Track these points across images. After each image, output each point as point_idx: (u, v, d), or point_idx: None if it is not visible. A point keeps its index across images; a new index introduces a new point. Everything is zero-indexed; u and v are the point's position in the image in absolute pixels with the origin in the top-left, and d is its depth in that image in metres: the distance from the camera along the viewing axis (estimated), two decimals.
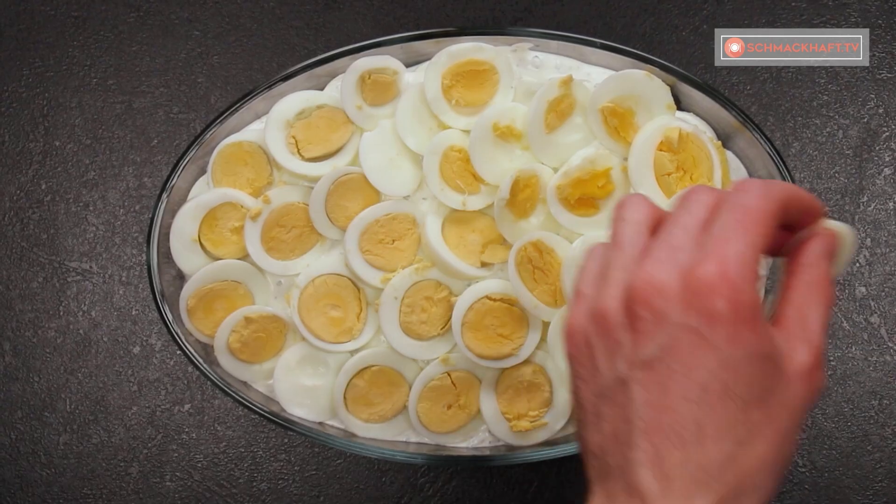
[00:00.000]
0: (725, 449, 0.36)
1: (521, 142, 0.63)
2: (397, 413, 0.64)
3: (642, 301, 0.37)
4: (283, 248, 0.65)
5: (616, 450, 0.38)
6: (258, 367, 0.65)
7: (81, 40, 0.80)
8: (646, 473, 0.36)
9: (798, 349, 0.38)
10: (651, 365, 0.37)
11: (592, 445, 0.39)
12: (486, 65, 0.63)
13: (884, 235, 0.73)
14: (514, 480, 0.72)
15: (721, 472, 0.36)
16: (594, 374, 0.40)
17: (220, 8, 0.80)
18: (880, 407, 0.71)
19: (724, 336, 0.36)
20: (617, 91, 0.62)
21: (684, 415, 0.36)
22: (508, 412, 0.63)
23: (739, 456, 0.36)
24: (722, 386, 0.36)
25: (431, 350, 0.64)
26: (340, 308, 0.64)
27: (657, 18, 0.77)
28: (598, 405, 0.39)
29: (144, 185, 0.77)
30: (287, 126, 0.65)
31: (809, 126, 0.75)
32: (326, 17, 0.79)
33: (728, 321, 0.36)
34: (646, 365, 0.37)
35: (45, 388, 0.75)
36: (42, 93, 0.79)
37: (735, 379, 0.36)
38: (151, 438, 0.74)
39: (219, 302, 0.64)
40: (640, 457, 0.36)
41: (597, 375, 0.40)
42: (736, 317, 0.36)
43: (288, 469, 0.73)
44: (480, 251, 0.64)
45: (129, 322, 0.76)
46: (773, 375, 0.37)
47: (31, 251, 0.77)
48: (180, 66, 0.79)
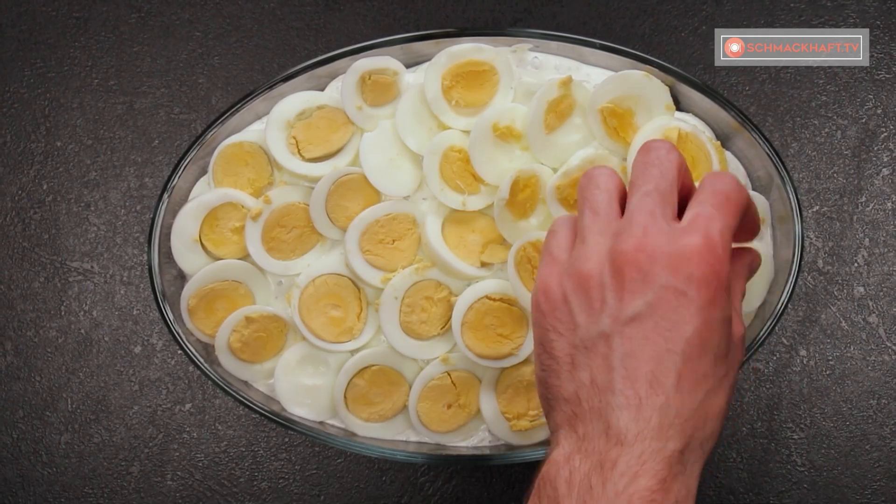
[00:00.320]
0: (698, 397, 0.40)
1: (520, 142, 0.63)
2: (397, 412, 0.65)
3: (632, 265, 0.41)
4: (283, 248, 0.65)
5: (594, 395, 0.41)
6: (259, 366, 0.65)
7: (83, 41, 0.80)
8: (625, 415, 0.39)
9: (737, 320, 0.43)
10: (637, 320, 0.40)
11: (565, 392, 0.42)
12: (485, 65, 0.64)
13: (882, 235, 0.73)
14: (513, 479, 0.72)
15: (691, 417, 0.40)
16: (572, 328, 0.43)
17: (220, 9, 0.80)
18: (878, 406, 0.71)
19: (706, 298, 0.40)
20: (616, 91, 0.62)
21: (666, 365, 0.40)
22: (508, 411, 0.63)
23: (706, 404, 0.41)
24: (702, 342, 0.40)
25: (431, 350, 0.64)
26: (341, 308, 0.64)
27: (656, 19, 0.77)
28: (574, 356, 0.42)
29: (145, 186, 0.78)
30: (288, 126, 0.65)
31: (808, 126, 0.75)
32: (327, 18, 0.79)
33: (710, 286, 0.40)
34: (631, 320, 0.41)
35: (46, 388, 0.75)
36: (44, 93, 0.80)
37: (711, 336, 0.40)
38: (152, 438, 0.74)
39: (219, 302, 0.64)
40: (621, 401, 0.40)
41: (576, 329, 0.43)
42: (717, 283, 0.40)
43: (288, 468, 0.73)
44: (480, 251, 0.64)
45: (130, 322, 0.76)
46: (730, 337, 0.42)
47: (33, 251, 0.77)
48: (181, 67, 0.79)
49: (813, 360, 0.72)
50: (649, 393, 0.39)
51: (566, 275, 0.44)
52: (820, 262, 0.73)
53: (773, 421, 0.71)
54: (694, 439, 0.40)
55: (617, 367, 0.40)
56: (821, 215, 0.73)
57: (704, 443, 0.41)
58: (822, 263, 0.73)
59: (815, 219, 0.73)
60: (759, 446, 0.71)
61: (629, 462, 0.39)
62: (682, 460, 0.39)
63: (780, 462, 0.71)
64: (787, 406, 0.71)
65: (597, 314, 0.42)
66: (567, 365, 0.43)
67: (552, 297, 0.44)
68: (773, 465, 0.71)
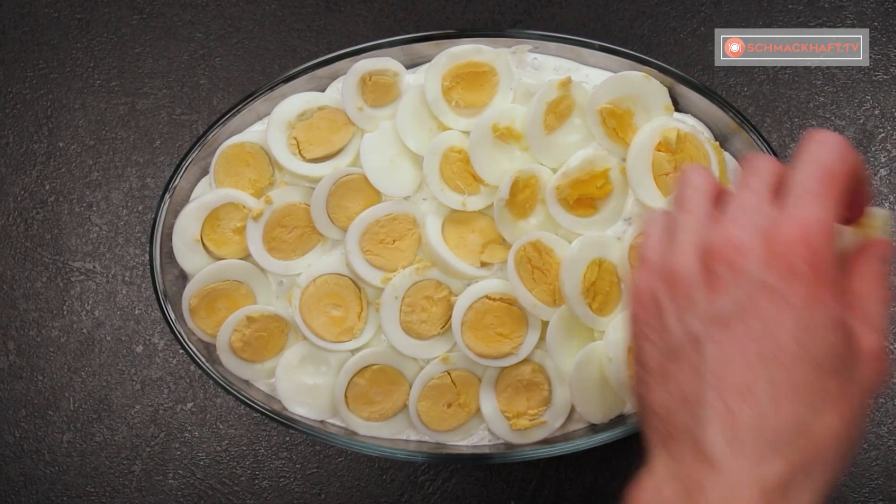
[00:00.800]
0: (798, 412, 0.35)
1: (520, 143, 0.63)
2: (398, 411, 0.65)
3: (721, 258, 0.37)
4: (284, 248, 0.65)
5: (684, 409, 0.37)
6: (260, 365, 0.65)
7: (85, 42, 0.81)
8: (715, 433, 0.35)
9: (866, 331, 0.37)
10: (726, 322, 0.36)
11: (657, 406, 0.38)
12: (485, 66, 0.64)
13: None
14: (513, 478, 0.72)
15: (792, 436, 0.34)
16: (662, 333, 0.39)
17: (222, 10, 0.80)
18: (876, 406, 0.71)
19: (803, 296, 0.35)
20: (615, 92, 0.62)
21: (758, 373, 0.35)
22: (508, 411, 0.63)
23: (811, 423, 0.35)
24: (798, 347, 0.35)
25: (431, 349, 0.64)
26: (341, 307, 0.64)
27: (655, 21, 0.77)
28: (665, 364, 0.39)
29: (147, 186, 0.78)
30: (288, 127, 0.65)
31: (806, 127, 0.75)
32: (327, 20, 0.79)
33: (808, 282, 0.35)
34: (721, 322, 0.36)
35: (48, 387, 0.76)
36: (46, 94, 0.80)
37: (811, 341, 0.35)
38: (154, 436, 0.74)
39: (221, 301, 0.65)
40: (710, 414, 0.35)
41: (665, 334, 0.39)
42: (816, 279, 0.35)
43: (289, 467, 0.74)
44: (480, 251, 0.64)
45: (132, 321, 0.76)
46: (848, 347, 0.36)
47: (35, 251, 0.78)
48: (183, 68, 0.79)
49: None
50: (740, 406, 0.35)
51: (657, 276, 0.40)
52: None
53: None
54: (798, 466, 0.34)
55: (706, 377, 0.36)
56: None
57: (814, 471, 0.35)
58: None
59: None
60: None
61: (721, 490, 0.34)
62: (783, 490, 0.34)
63: None
64: None
65: (686, 314, 0.38)
66: (659, 376, 0.39)
67: (644, 300, 0.40)
68: None
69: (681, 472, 0.36)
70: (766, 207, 0.37)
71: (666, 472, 0.37)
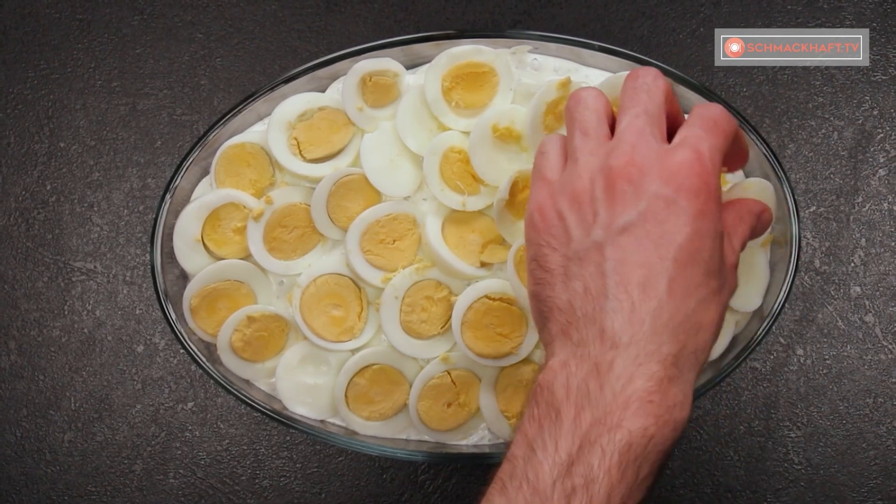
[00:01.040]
0: (690, 305, 0.40)
1: (520, 143, 0.64)
2: (398, 411, 0.65)
3: (624, 176, 0.42)
4: (285, 248, 0.65)
5: (588, 302, 0.41)
6: (260, 365, 0.66)
7: (86, 43, 0.81)
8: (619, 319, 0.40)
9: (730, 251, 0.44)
10: (629, 229, 0.41)
11: (559, 301, 0.43)
12: (485, 67, 0.64)
13: (878, 236, 0.73)
14: None
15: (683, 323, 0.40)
16: (567, 241, 0.43)
17: (222, 11, 0.80)
18: (875, 405, 0.71)
19: (697, 208, 0.41)
20: (615, 92, 0.62)
21: (658, 270, 0.40)
22: (508, 410, 0.64)
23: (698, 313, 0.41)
24: (693, 250, 0.40)
25: (431, 349, 0.64)
26: (341, 307, 0.64)
27: (654, 21, 0.77)
28: (568, 266, 0.43)
29: (148, 186, 0.78)
30: (289, 127, 0.65)
31: (805, 128, 0.75)
32: (328, 20, 0.79)
33: (700, 197, 0.41)
34: (623, 229, 0.41)
35: (49, 387, 0.76)
36: (47, 95, 0.80)
37: (702, 245, 0.41)
38: (155, 436, 0.75)
39: (221, 301, 0.65)
40: (614, 305, 0.40)
41: (570, 242, 0.43)
42: (707, 194, 0.41)
43: (290, 466, 0.74)
44: (480, 251, 0.64)
45: (132, 321, 0.76)
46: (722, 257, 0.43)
47: (37, 251, 0.78)
48: (184, 69, 0.80)
49: (810, 359, 0.72)
50: (642, 297, 0.40)
51: (560, 193, 0.44)
52: (817, 261, 0.73)
53: (771, 419, 0.72)
54: (687, 346, 0.40)
55: (609, 274, 0.41)
56: (817, 216, 0.74)
57: (698, 352, 0.41)
58: (818, 263, 0.73)
59: (812, 219, 0.74)
60: (757, 444, 0.71)
61: (625, 364, 0.39)
62: (677, 364, 0.40)
63: (777, 460, 0.71)
64: (785, 405, 0.72)
65: (590, 226, 0.42)
66: (561, 276, 0.43)
67: (547, 214, 0.44)
68: (770, 464, 0.71)
69: (587, 354, 0.40)
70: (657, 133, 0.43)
71: (572, 357, 0.41)
